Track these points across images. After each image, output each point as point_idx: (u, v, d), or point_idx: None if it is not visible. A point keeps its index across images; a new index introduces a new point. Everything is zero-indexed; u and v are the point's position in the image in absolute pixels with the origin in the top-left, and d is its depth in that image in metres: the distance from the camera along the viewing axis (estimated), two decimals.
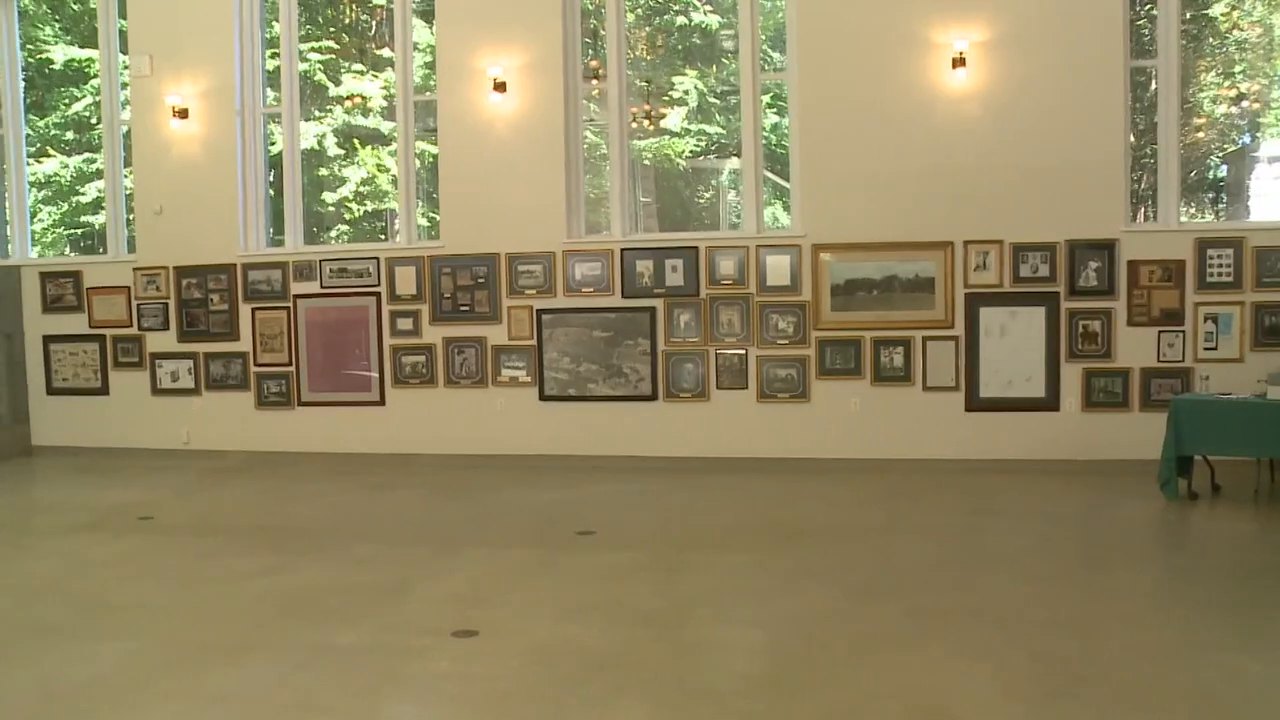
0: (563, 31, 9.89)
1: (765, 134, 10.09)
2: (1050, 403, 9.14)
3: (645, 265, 9.71)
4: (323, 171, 14.09)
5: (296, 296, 10.64)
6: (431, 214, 11.07)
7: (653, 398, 9.76)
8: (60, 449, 11.56)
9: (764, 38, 10.04)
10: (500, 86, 9.93)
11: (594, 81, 10.35)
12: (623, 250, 9.79)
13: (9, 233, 12.12)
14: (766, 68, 10.27)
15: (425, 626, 5.30)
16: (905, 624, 5.18)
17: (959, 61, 9.03)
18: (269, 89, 11.09)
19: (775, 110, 10.83)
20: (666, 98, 13.51)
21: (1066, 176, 8.97)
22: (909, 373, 9.30)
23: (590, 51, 10.40)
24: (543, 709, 4.26)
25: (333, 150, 14.25)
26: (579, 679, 4.54)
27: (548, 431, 9.97)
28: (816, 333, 9.44)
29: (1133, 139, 9.49)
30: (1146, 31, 9.67)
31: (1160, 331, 8.96)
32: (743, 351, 9.59)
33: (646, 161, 13.41)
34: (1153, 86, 9.59)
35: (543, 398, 10.00)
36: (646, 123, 12.88)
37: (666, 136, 13.55)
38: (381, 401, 10.44)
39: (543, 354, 9.95)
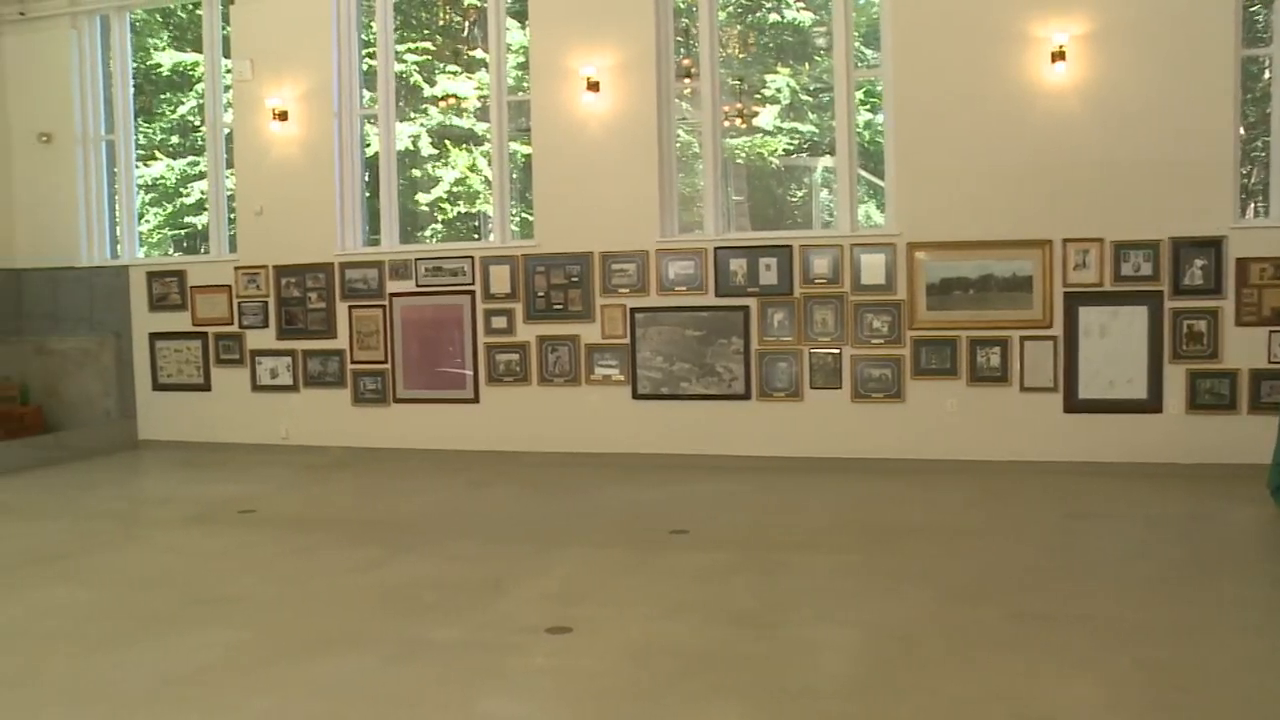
0: (655, 30, 9.89)
1: (858, 131, 9.98)
2: (1153, 404, 8.92)
3: (739, 264, 9.68)
4: (416, 172, 14.29)
5: (392, 295, 10.79)
6: (525, 213, 11.16)
7: (746, 397, 9.72)
8: (164, 443, 11.87)
9: (857, 34, 9.93)
10: (594, 86, 9.96)
11: (686, 80, 10.34)
12: (716, 249, 9.76)
13: (118, 234, 12.47)
14: (860, 64, 10.17)
15: (521, 623, 5.34)
16: (1005, 628, 5.10)
17: (1058, 55, 8.84)
18: (365, 90, 11.26)
19: (868, 107, 10.73)
20: (758, 96, 13.47)
21: (1171, 172, 8.73)
22: (1006, 373, 9.15)
23: (682, 50, 10.39)
24: (639, 707, 4.27)
25: (427, 150, 14.44)
26: (675, 677, 4.54)
27: (641, 430, 9.98)
28: (911, 332, 9.32)
29: (1243, 131, 9.21)
30: (1260, 18, 9.40)
31: (1271, 331, 8.69)
32: (837, 351, 9.51)
33: (739, 160, 13.39)
34: (1266, 76, 9.32)
35: (636, 396, 10.01)
36: (739, 121, 12.86)
37: (759, 135, 13.52)
38: (476, 399, 10.53)
39: (636, 353, 9.97)
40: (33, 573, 6.68)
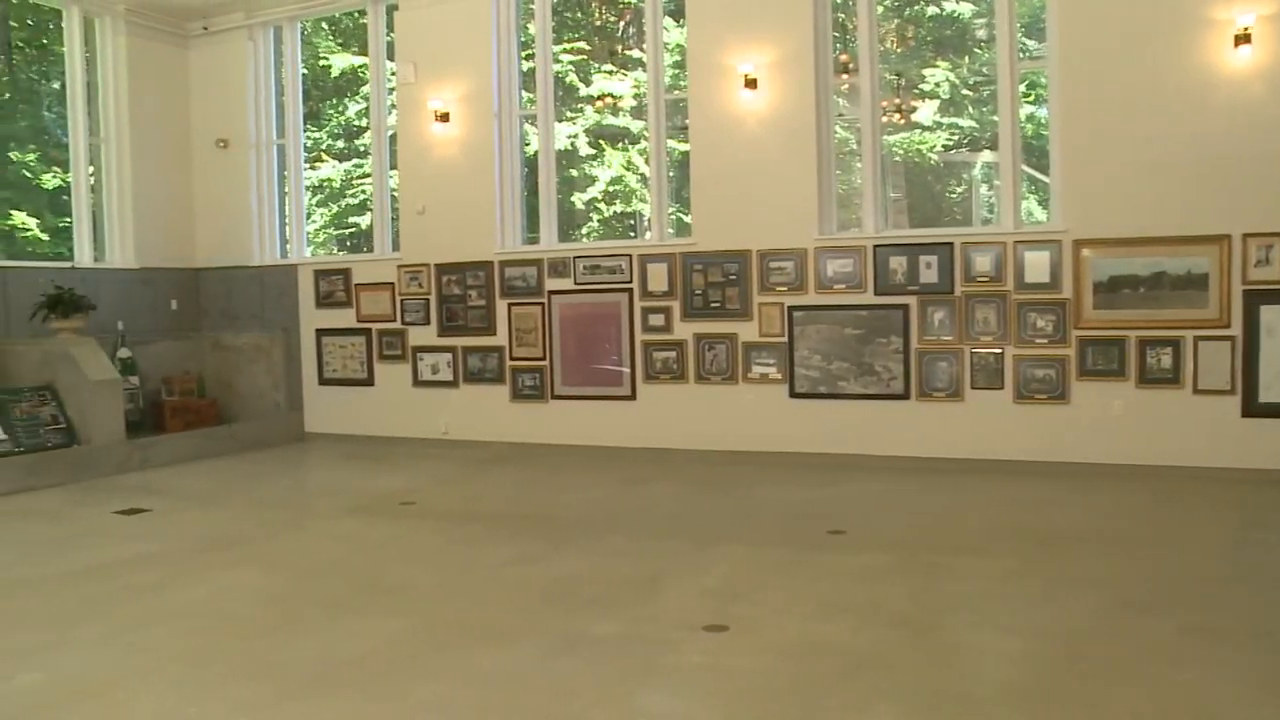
0: (813, 26, 9.79)
1: (1021, 125, 9.69)
2: None
3: (898, 262, 9.52)
4: (573, 172, 14.44)
5: (551, 293, 10.93)
6: (680, 212, 11.18)
7: (905, 396, 9.56)
8: (329, 436, 12.26)
9: (1020, 25, 9.65)
10: (751, 83, 9.92)
11: (844, 76, 10.22)
12: (875, 247, 9.61)
13: (288, 234, 12.93)
14: (1023, 56, 9.88)
15: (678, 619, 5.34)
16: (1177, 641, 4.88)
17: (1242, 39, 8.38)
18: (524, 91, 11.42)
19: (1030, 100, 10.44)
20: (917, 91, 13.25)
21: None
22: (1178, 375, 8.78)
23: (839, 46, 10.27)
24: (795, 708, 4.22)
25: (584, 150, 14.59)
26: (832, 679, 4.49)
27: (798, 429, 9.90)
28: (1077, 331, 9.03)
29: None
30: None
31: None
32: (999, 350, 9.28)
33: (897, 157, 13.18)
34: None
35: (793, 395, 9.93)
36: (897, 117, 12.67)
37: (917, 131, 13.30)
38: (633, 396, 10.59)
39: (793, 351, 9.90)
40: (212, 557, 6.97)
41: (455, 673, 4.69)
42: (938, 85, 13.31)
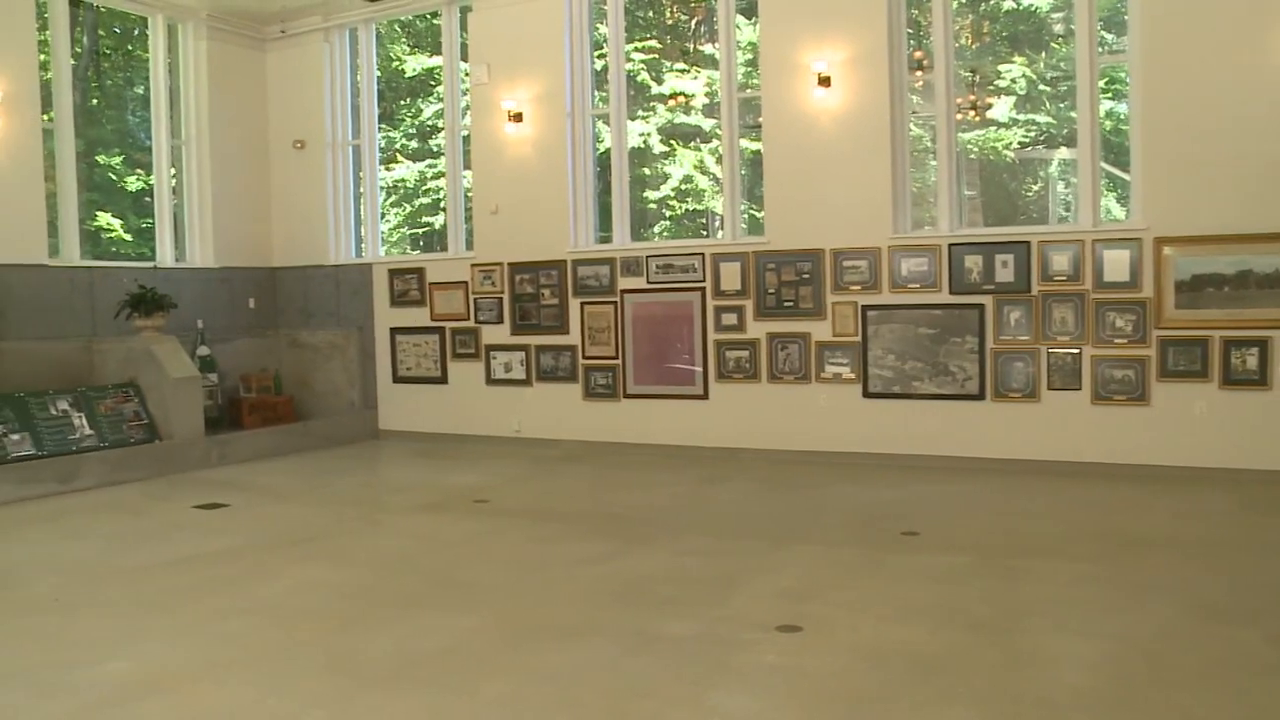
0: (887, 22, 9.70)
1: (1100, 121, 9.52)
2: None
3: (974, 261, 9.40)
4: (645, 170, 14.44)
5: (623, 291, 10.94)
6: (752, 210, 11.13)
7: (980, 397, 9.43)
8: (403, 433, 12.39)
9: (1099, 19, 9.46)
10: (824, 81, 9.86)
11: (918, 73, 10.12)
12: (950, 245, 9.50)
13: (363, 234, 13.09)
14: (1103, 50, 9.70)
15: (752, 619, 5.32)
16: (1266, 651, 4.74)
17: None
18: (596, 90, 11.45)
19: (1109, 95, 10.26)
20: (992, 87, 13.07)
21: None
22: (1265, 376, 8.55)
23: (913, 42, 10.17)
24: (870, 710, 4.18)
25: (656, 148, 14.59)
26: (907, 681, 4.44)
27: (871, 429, 9.82)
28: (1158, 331, 8.85)
29: None
30: None
31: None
32: (1077, 350, 9.12)
33: (972, 154, 13.03)
34: None
35: (866, 395, 9.85)
36: (972, 114, 12.51)
37: (992, 128, 13.12)
38: (705, 395, 10.57)
39: (867, 350, 9.82)
40: (289, 552, 7.07)
41: (528, 670, 4.70)
42: (1014, 81, 13.11)
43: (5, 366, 10.26)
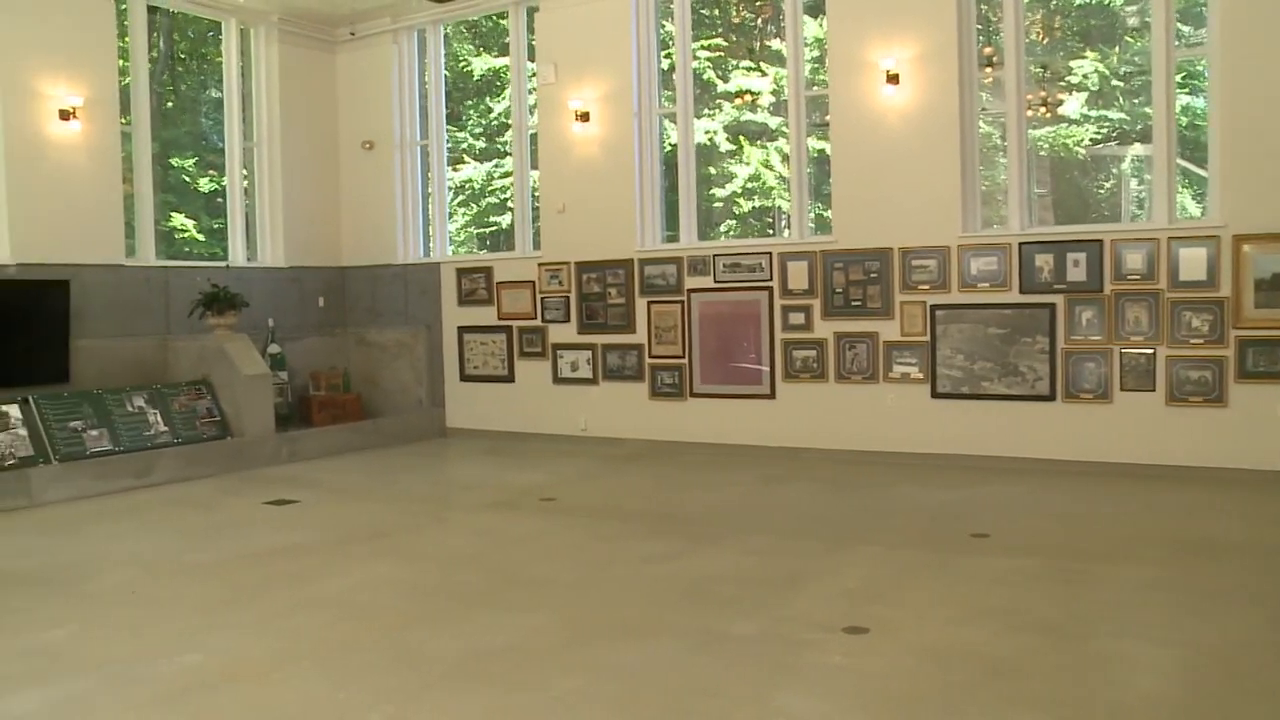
0: (957, 19, 9.59)
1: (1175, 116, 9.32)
2: None
3: (1045, 260, 9.26)
4: (711, 169, 14.42)
5: (690, 291, 10.93)
6: (819, 209, 11.07)
7: (1050, 398, 9.30)
8: (470, 431, 12.48)
9: (1175, 11, 9.25)
10: (893, 78, 9.78)
11: (988, 70, 10.00)
12: (1020, 244, 9.37)
13: (430, 233, 13.21)
14: (1179, 43, 9.51)
15: (817, 620, 5.28)
16: None
17: None
18: (662, 89, 11.45)
19: (1186, 90, 10.06)
20: (1064, 83, 12.89)
21: None
22: None
23: (983, 39, 10.05)
24: (936, 713, 4.14)
25: (723, 146, 14.56)
26: (974, 684, 4.38)
27: (939, 429, 9.72)
28: (1236, 331, 8.65)
29: None
30: None
31: None
32: (1150, 351, 8.95)
33: (1042, 152, 12.86)
34: None
35: (935, 395, 9.75)
36: (1042, 110, 12.35)
37: (1063, 124, 12.94)
38: (772, 395, 10.53)
39: (935, 350, 9.72)
40: (357, 549, 7.15)
41: (595, 667, 4.71)
42: (1086, 77, 12.92)
43: (84, 364, 10.49)
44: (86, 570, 6.77)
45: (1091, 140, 13.15)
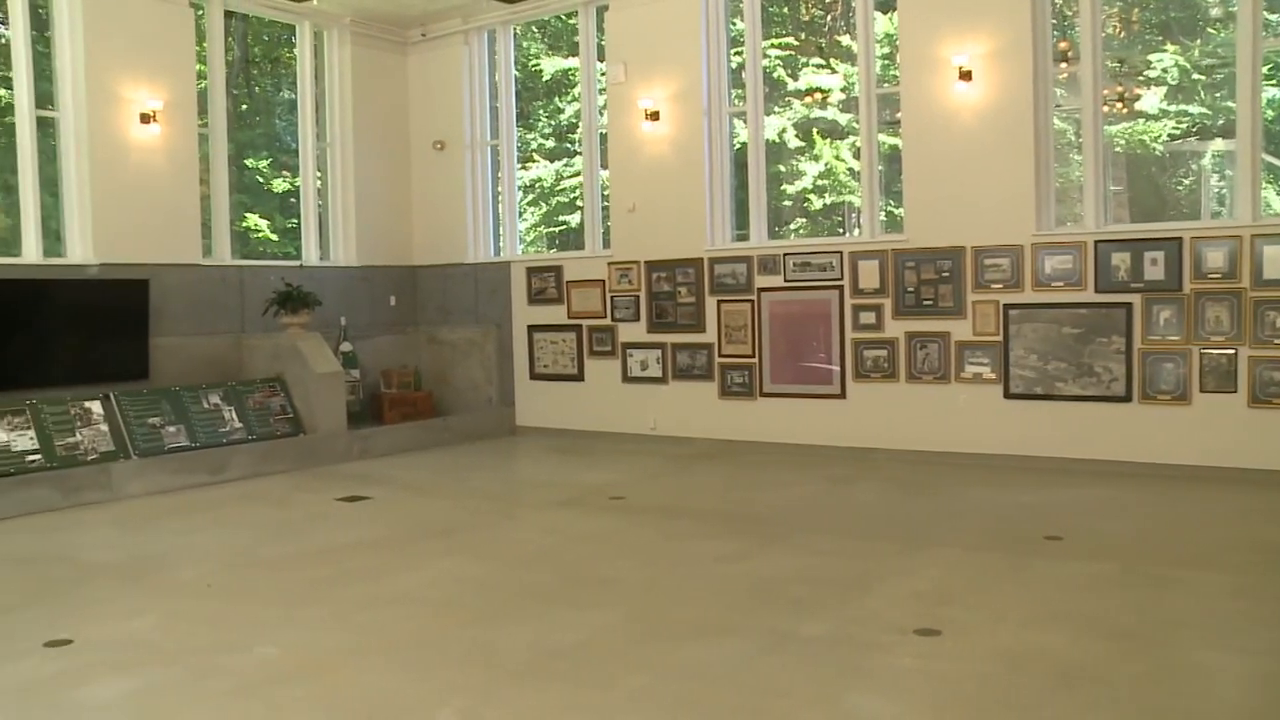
0: (1031, 14, 9.45)
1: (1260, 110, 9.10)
2: None
3: (1121, 258, 9.09)
4: (780, 167, 14.36)
5: (760, 290, 10.88)
6: (889, 207, 10.98)
7: (1127, 399, 9.13)
8: (539, 429, 12.53)
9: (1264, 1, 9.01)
10: (965, 75, 9.66)
11: (1063, 65, 9.85)
12: (1096, 242, 9.21)
13: (500, 232, 13.29)
14: (1266, 34, 9.26)
15: (888, 622, 5.24)
16: None
17: None
18: (732, 87, 11.41)
19: (1272, 82, 9.81)
20: (1141, 77, 12.67)
21: None
22: None
23: (1058, 33, 9.89)
24: (1011, 717, 4.08)
25: (792, 144, 14.49)
26: (1048, 690, 4.31)
27: (1012, 430, 9.58)
28: None
29: None
30: None
31: None
32: (1232, 351, 8.75)
33: (1118, 148, 12.64)
34: None
35: (1007, 395, 9.62)
36: (1119, 105, 12.14)
37: (1140, 119, 12.72)
38: (842, 395, 10.46)
39: (1008, 350, 9.59)
40: (428, 545, 7.22)
41: (664, 666, 4.71)
42: (1165, 70, 12.67)
43: (163, 361, 10.69)
44: (165, 563, 6.91)
45: (1170, 136, 12.90)
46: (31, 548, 7.46)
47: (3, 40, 10.45)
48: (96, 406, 9.68)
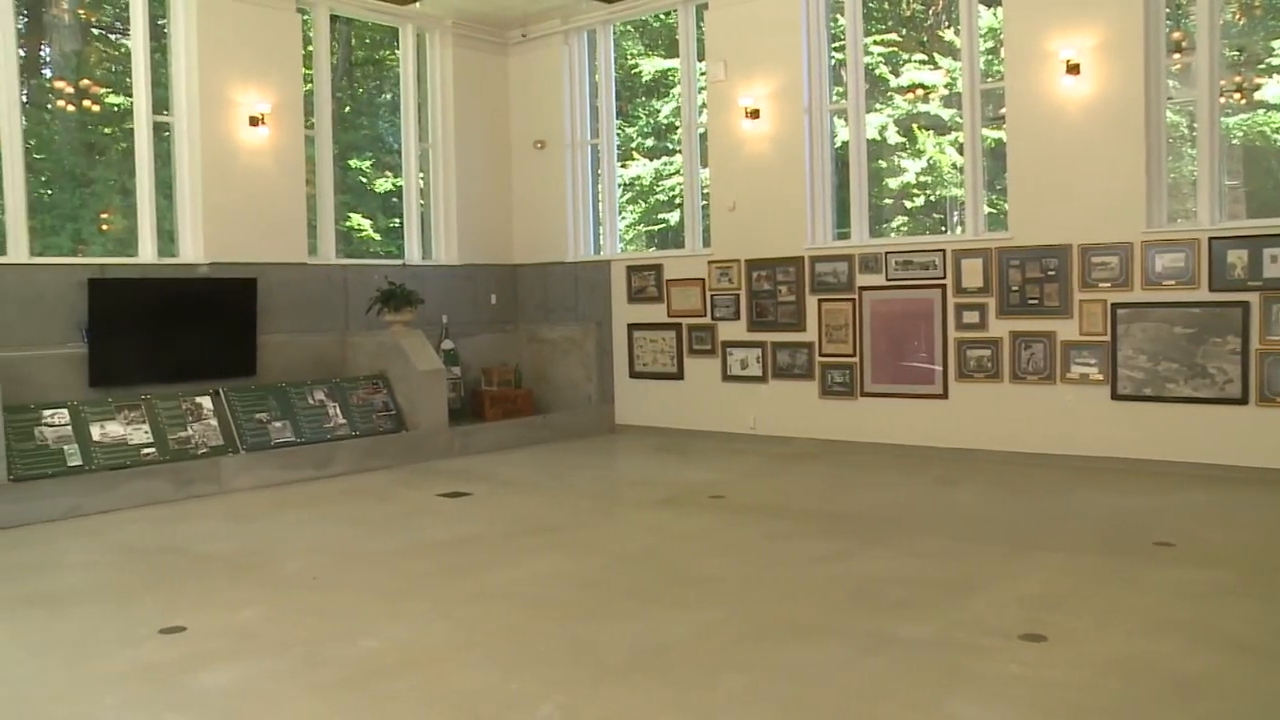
0: (1144, 4, 9.21)
1: None
2: None
3: (1238, 256, 8.81)
4: (881, 164, 14.20)
5: (861, 288, 10.78)
6: (992, 204, 10.79)
7: (1242, 401, 8.84)
8: (638, 428, 12.56)
9: None
10: (1073, 68, 9.45)
11: (1176, 55, 9.58)
12: (1211, 239, 8.95)
13: (600, 231, 13.34)
14: None
15: (992, 626, 5.13)
16: None
17: None
18: (833, 85, 11.32)
19: None
20: (1262, 66, 12.27)
21: None
22: None
23: (1171, 23, 9.62)
24: None
25: (893, 140, 14.32)
26: (1160, 701, 4.18)
27: (1120, 432, 9.35)
28: None
29: None
30: None
31: None
32: None
33: (1234, 140, 12.27)
34: None
35: (1115, 397, 9.39)
36: (1237, 96, 11.78)
37: (1260, 111, 12.32)
38: (944, 394, 10.31)
39: (1117, 350, 9.36)
40: (528, 541, 7.27)
41: (764, 666, 4.68)
42: None
43: (270, 358, 10.93)
44: (272, 555, 7.06)
45: None
46: (147, 538, 7.69)
47: (123, 49, 10.78)
48: (207, 402, 9.93)
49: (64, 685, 4.69)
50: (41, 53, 11.18)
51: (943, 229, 14.35)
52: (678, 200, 13.62)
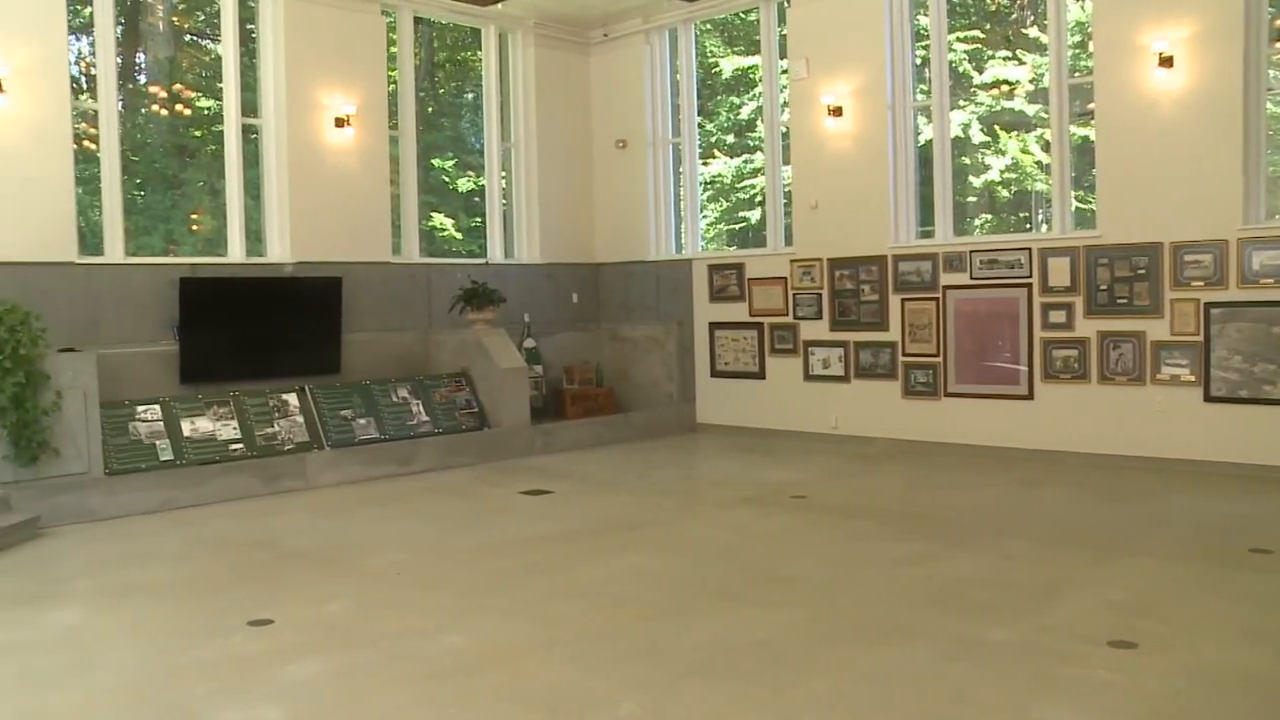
0: None
1: None
2: None
3: None
4: (965, 160, 14.01)
5: (945, 288, 10.65)
6: (1083, 195, 10.58)
7: None
8: (719, 427, 12.53)
9: None
10: (1166, 61, 9.24)
11: (1278, 44, 9.31)
12: None
13: (682, 230, 13.34)
14: None
15: (1079, 632, 5.04)
16: None
17: None
18: (916, 82, 11.19)
19: None
20: None
21: None
22: None
23: (1272, 9, 9.34)
24: None
25: (977, 138, 14.12)
26: (1254, 713, 4.09)
27: (1213, 435, 9.12)
28: None
29: None
30: None
31: None
32: None
33: None
34: None
35: (1208, 399, 9.16)
36: None
37: None
38: (1030, 396, 10.14)
39: (1210, 351, 9.14)
40: (609, 540, 7.29)
41: (846, 668, 4.66)
42: None
43: (354, 356, 11.07)
44: (357, 550, 7.16)
45: None
46: (236, 532, 7.84)
47: (213, 54, 11.00)
48: (293, 399, 10.10)
49: (161, 674, 4.81)
50: (137, 59, 11.44)
51: (1028, 227, 14.11)
52: (759, 199, 13.56)
